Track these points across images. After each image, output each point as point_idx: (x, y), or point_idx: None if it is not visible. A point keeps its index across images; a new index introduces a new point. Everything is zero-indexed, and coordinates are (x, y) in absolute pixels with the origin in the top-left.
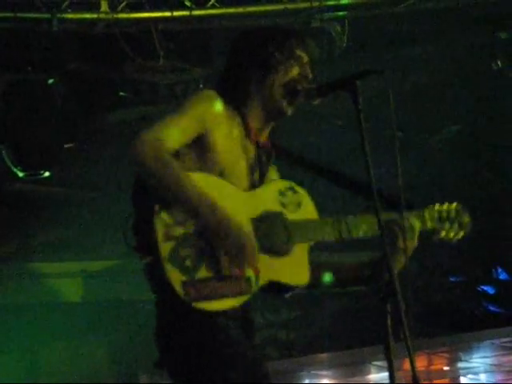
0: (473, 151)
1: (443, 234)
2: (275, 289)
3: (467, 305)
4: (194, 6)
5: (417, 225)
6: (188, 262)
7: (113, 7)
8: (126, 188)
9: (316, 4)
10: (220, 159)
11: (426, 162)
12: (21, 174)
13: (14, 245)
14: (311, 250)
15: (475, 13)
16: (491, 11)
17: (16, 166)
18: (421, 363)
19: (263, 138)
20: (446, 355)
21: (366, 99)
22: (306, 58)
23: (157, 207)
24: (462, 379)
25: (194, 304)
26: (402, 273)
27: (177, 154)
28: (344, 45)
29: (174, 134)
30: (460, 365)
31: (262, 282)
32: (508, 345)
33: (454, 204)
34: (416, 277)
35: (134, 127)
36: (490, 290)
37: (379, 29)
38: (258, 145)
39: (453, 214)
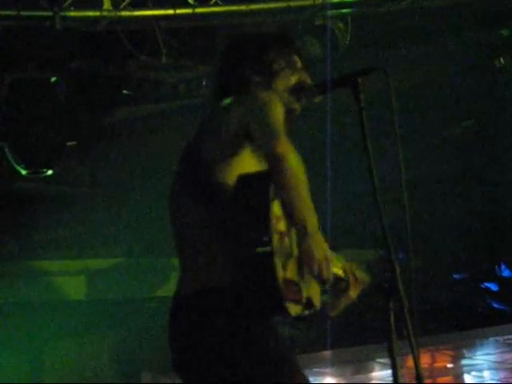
0: (477, 148)
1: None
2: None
3: (471, 302)
4: (196, 4)
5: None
6: (283, 259)
7: (116, 5)
8: (129, 186)
9: (319, 1)
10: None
11: (431, 160)
12: (23, 172)
13: (16, 243)
14: None
15: (478, 10)
16: (494, 8)
17: (19, 164)
18: (424, 360)
19: None
20: (449, 352)
21: (368, 96)
22: (301, 62)
23: (271, 195)
24: (466, 376)
25: (285, 303)
26: (404, 270)
27: (237, 152)
28: (347, 42)
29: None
30: (463, 362)
31: (304, 295)
32: (511, 342)
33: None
34: (419, 274)
35: (137, 125)
36: (493, 286)
37: (382, 26)
38: None
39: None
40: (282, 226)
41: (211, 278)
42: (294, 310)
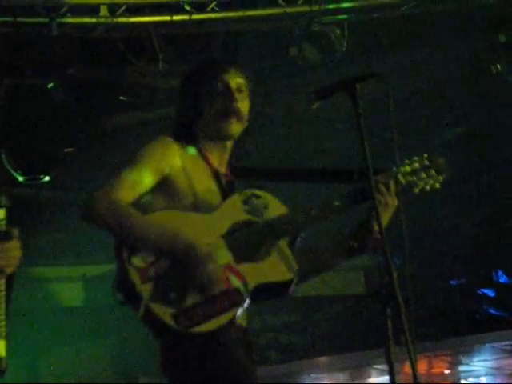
0: (473, 154)
1: (421, 184)
2: (268, 291)
3: (468, 308)
4: (193, 11)
5: (391, 183)
6: (172, 295)
7: (112, 11)
8: None
9: (316, 8)
10: (189, 195)
11: None
12: (21, 179)
13: None
14: (292, 242)
15: (475, 16)
16: (491, 15)
17: (16, 171)
18: (421, 366)
19: (223, 169)
20: (446, 358)
21: (366, 102)
22: (231, 84)
23: (125, 255)
24: (463, 382)
25: (189, 330)
26: (402, 276)
27: (141, 205)
28: (344, 48)
29: (126, 188)
30: (461, 368)
31: (251, 287)
32: (508, 348)
33: (425, 154)
34: (416, 280)
35: (133, 131)
36: (490, 293)
37: (379, 32)
38: (218, 176)
39: (425, 162)
40: (151, 271)
41: None
42: (213, 324)
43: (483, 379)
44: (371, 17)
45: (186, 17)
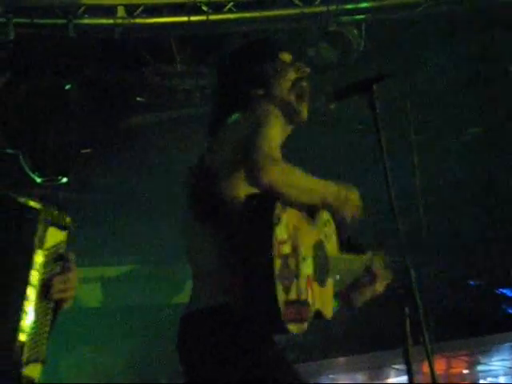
0: (489, 155)
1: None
2: (315, 317)
3: (486, 308)
4: (210, 11)
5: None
6: (286, 282)
7: (129, 12)
8: (144, 193)
9: (333, 8)
10: None
11: (446, 167)
12: (38, 180)
13: None
14: None
15: (491, 16)
16: (505, 14)
17: (34, 172)
18: (440, 366)
19: None
20: (465, 358)
21: (383, 103)
22: (291, 56)
23: (275, 221)
24: (482, 382)
25: (287, 325)
26: (420, 276)
27: None
28: (361, 48)
29: (276, 147)
30: (479, 368)
31: (313, 310)
32: None
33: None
34: (434, 280)
35: (151, 132)
36: (508, 292)
37: (396, 32)
38: None
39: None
40: (286, 248)
41: (219, 297)
42: (296, 328)
43: (502, 379)
44: (388, 17)
45: (203, 17)
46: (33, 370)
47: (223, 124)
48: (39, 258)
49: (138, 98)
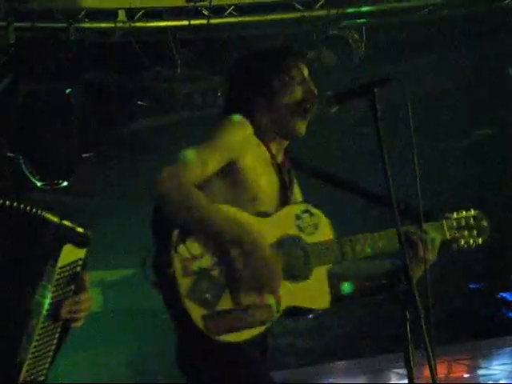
0: (492, 158)
1: (462, 242)
2: (295, 313)
3: (487, 312)
4: (211, 15)
5: (437, 237)
6: (207, 296)
7: (130, 16)
8: (143, 196)
9: (334, 12)
10: (253, 185)
11: (446, 169)
12: (39, 184)
13: None
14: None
15: (491, 19)
16: (507, 19)
17: (34, 176)
18: (441, 371)
19: (280, 158)
20: (465, 362)
21: (384, 106)
22: (305, 73)
23: (174, 242)
24: None
25: (215, 337)
26: (420, 280)
27: (203, 186)
28: (362, 52)
29: (196, 167)
30: (480, 372)
31: (282, 307)
32: None
33: (472, 211)
34: (435, 284)
35: (151, 136)
36: (509, 296)
37: (396, 36)
38: (279, 167)
39: (471, 221)
40: (202, 262)
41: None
42: (235, 337)
43: (503, 383)
44: (389, 21)
45: (204, 21)
46: None
47: None
48: (51, 275)
49: (139, 102)
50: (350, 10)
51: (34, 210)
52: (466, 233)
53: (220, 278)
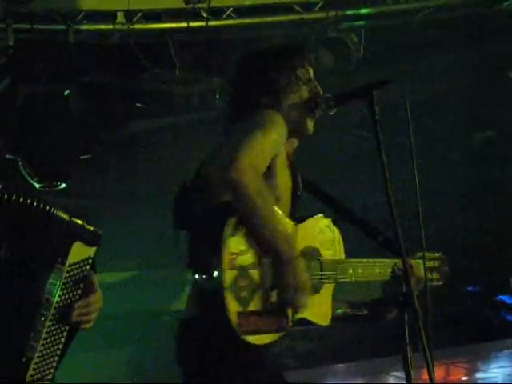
0: (490, 161)
1: (429, 282)
2: (300, 324)
3: (485, 315)
4: (210, 17)
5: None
6: (244, 293)
7: (129, 18)
8: (142, 198)
9: (332, 14)
10: (278, 185)
11: (445, 172)
12: (37, 186)
13: None
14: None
15: (491, 22)
16: (507, 21)
17: (32, 178)
18: (439, 374)
19: (290, 159)
20: (464, 365)
21: (384, 109)
22: (310, 73)
23: (226, 233)
24: None
25: (243, 336)
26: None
27: None
28: (361, 55)
29: (263, 158)
30: (478, 375)
31: (295, 318)
32: None
33: (437, 254)
34: (433, 287)
35: (150, 138)
36: (507, 299)
37: (396, 38)
38: (292, 168)
39: (437, 264)
40: (245, 259)
41: (189, 308)
42: (260, 340)
43: None
44: (388, 23)
45: (202, 23)
46: None
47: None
48: (60, 273)
49: (137, 104)
50: (348, 13)
51: (44, 206)
52: (431, 274)
53: (256, 278)
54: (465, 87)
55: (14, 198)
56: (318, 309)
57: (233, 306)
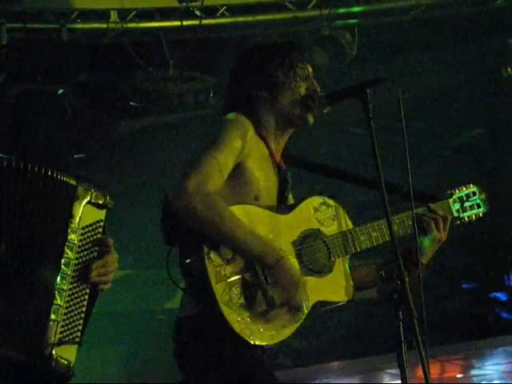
0: (484, 158)
1: (466, 218)
2: (319, 307)
3: (480, 312)
4: (203, 16)
5: (448, 216)
6: (241, 300)
7: (122, 17)
8: (136, 197)
9: (326, 12)
10: (255, 183)
11: (438, 169)
12: None
13: None
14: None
15: (484, 20)
16: (500, 19)
17: None
18: (434, 371)
19: (278, 158)
20: (459, 363)
21: (377, 106)
22: (309, 69)
23: (205, 248)
24: None
25: (252, 340)
26: (414, 280)
27: None
28: (354, 52)
29: (216, 173)
30: (473, 372)
31: (311, 303)
32: None
33: (472, 186)
34: (428, 284)
35: (144, 137)
36: (502, 296)
37: (389, 36)
38: (278, 165)
39: (471, 196)
40: (233, 266)
41: (185, 307)
42: (272, 339)
43: (496, 383)
44: (381, 21)
45: (196, 22)
46: (67, 352)
47: None
48: (75, 236)
49: (131, 103)
50: (341, 11)
51: (50, 171)
52: (468, 208)
53: (253, 279)
54: (457, 85)
55: (23, 166)
56: (337, 286)
57: (233, 317)
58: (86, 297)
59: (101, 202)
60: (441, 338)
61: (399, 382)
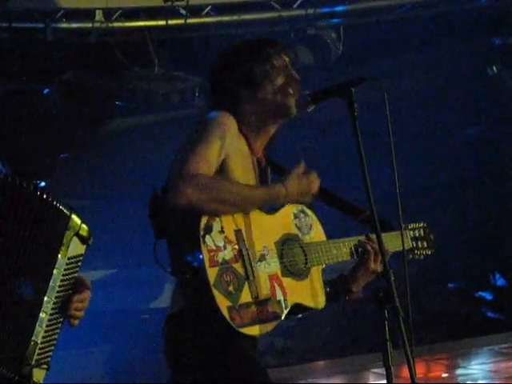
0: (471, 158)
1: (418, 252)
2: (297, 311)
3: (465, 311)
4: (189, 15)
5: (387, 251)
6: (231, 288)
7: (107, 16)
8: (123, 197)
9: (311, 12)
10: (238, 180)
11: (425, 168)
12: None
13: None
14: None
15: (470, 19)
16: (486, 17)
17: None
18: (419, 370)
19: (259, 154)
20: (444, 362)
21: (362, 106)
22: (285, 59)
23: (201, 232)
24: None
25: (239, 329)
26: (400, 279)
27: None
28: (339, 52)
29: (203, 162)
30: (458, 371)
31: (289, 304)
32: (506, 351)
33: (422, 223)
34: (414, 283)
35: (130, 136)
36: (488, 296)
37: (375, 35)
38: (259, 162)
39: (422, 233)
40: (225, 254)
41: (175, 303)
42: (258, 329)
43: (481, 382)
44: (366, 20)
45: (181, 21)
46: (39, 375)
47: None
48: (62, 264)
49: (117, 102)
50: (327, 10)
51: (49, 197)
52: (419, 244)
53: (241, 271)
54: (444, 84)
55: (25, 185)
56: (311, 292)
57: (222, 302)
58: (60, 326)
59: (85, 236)
60: (426, 338)
61: (385, 381)
